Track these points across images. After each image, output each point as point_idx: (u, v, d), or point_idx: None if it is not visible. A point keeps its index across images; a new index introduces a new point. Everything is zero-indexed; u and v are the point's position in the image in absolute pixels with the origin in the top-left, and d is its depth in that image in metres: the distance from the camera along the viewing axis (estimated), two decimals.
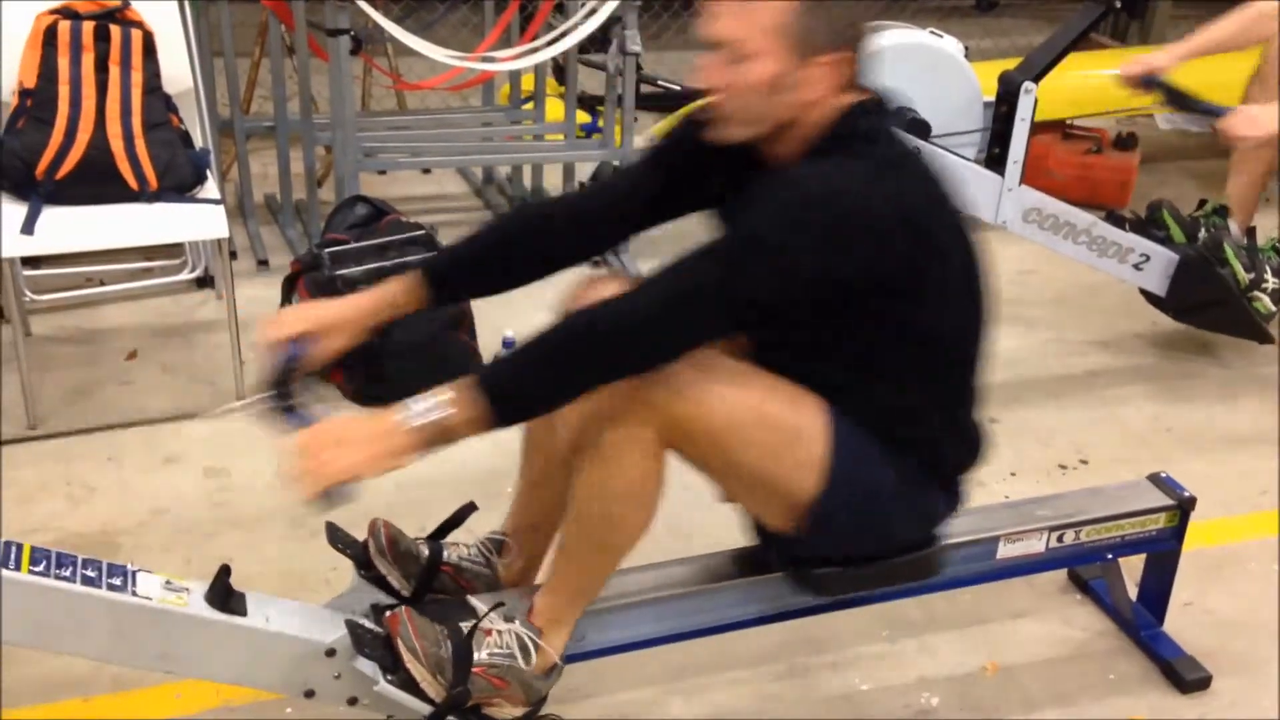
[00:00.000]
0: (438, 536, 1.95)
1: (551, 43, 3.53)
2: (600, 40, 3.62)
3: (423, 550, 1.90)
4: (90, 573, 1.59)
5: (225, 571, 1.67)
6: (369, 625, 1.74)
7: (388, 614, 1.72)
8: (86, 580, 1.58)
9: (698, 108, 1.78)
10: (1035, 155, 3.57)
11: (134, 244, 3.02)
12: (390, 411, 1.56)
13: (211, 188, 2.93)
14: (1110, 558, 2.18)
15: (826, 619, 2.07)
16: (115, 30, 2.82)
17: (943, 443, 1.80)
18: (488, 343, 3.05)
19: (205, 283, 3.48)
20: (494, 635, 1.73)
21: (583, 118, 4.21)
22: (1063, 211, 3.10)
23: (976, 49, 5.06)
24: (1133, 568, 2.30)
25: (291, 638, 1.69)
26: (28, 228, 2.68)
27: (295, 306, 1.78)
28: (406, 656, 1.66)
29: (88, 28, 2.79)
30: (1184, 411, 3.14)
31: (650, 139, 4.29)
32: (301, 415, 1.67)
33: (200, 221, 2.84)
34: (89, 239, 2.86)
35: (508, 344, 2.94)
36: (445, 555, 1.91)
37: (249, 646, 1.67)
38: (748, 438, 1.66)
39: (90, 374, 3.03)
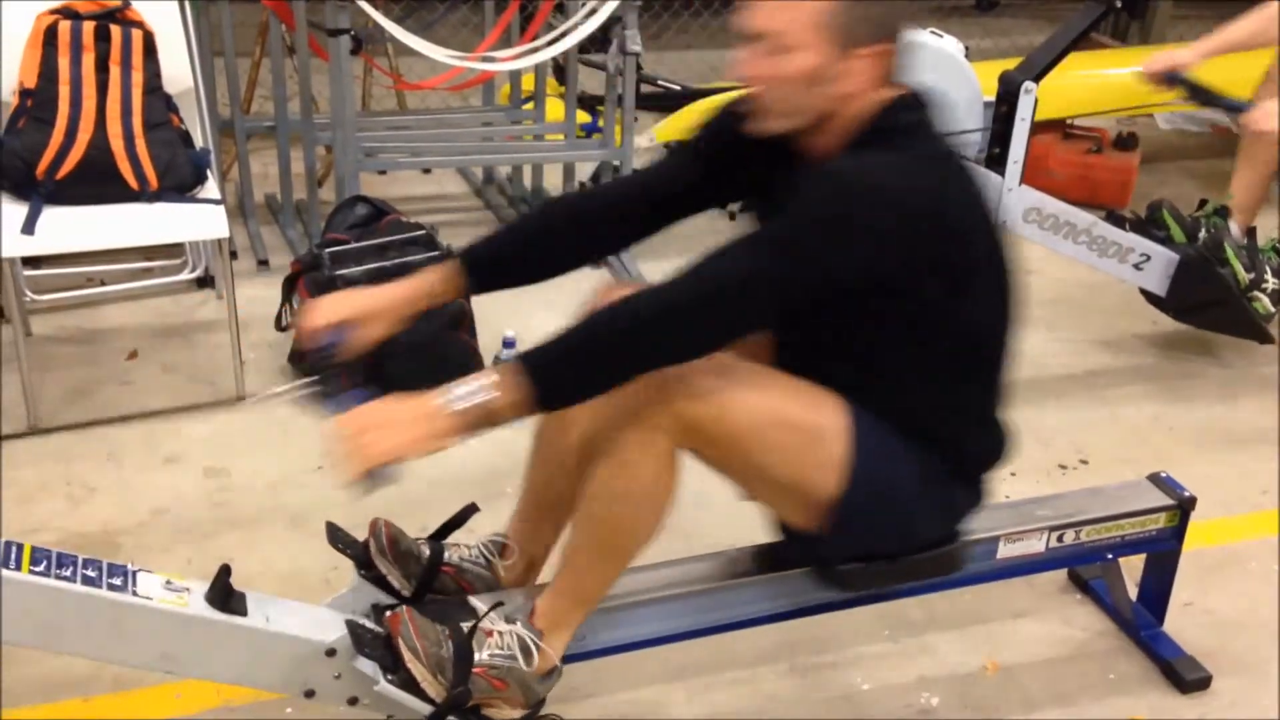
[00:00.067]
0: (439, 537, 1.95)
1: (552, 43, 3.53)
2: (600, 40, 3.62)
3: (424, 550, 1.90)
4: (91, 573, 1.59)
5: (225, 571, 1.67)
6: (369, 625, 1.74)
7: (388, 614, 1.72)
8: (87, 580, 1.58)
9: (735, 99, 1.79)
10: (1035, 155, 3.57)
11: (134, 244, 3.02)
12: (433, 394, 1.57)
13: (212, 188, 2.93)
14: (1110, 558, 2.18)
15: (827, 619, 2.07)
16: (116, 30, 2.82)
17: (968, 440, 1.81)
18: (488, 343, 3.05)
19: (205, 283, 3.48)
20: (495, 636, 1.73)
21: (583, 118, 4.21)
22: (1063, 211, 3.10)
23: (976, 49, 5.06)
24: (1133, 568, 2.30)
25: (292, 638, 1.69)
26: (28, 228, 2.68)
27: (335, 295, 1.81)
28: (407, 656, 1.66)
29: (88, 28, 2.80)
30: (1184, 411, 3.14)
31: (650, 139, 4.29)
32: (342, 400, 1.69)
33: (200, 221, 2.84)
34: (89, 239, 2.86)
35: (508, 344, 2.94)
36: (446, 556, 1.91)
37: (249, 646, 1.67)
38: (767, 440, 1.67)
39: (91, 374, 3.03)
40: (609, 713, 2.08)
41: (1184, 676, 2.19)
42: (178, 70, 3.00)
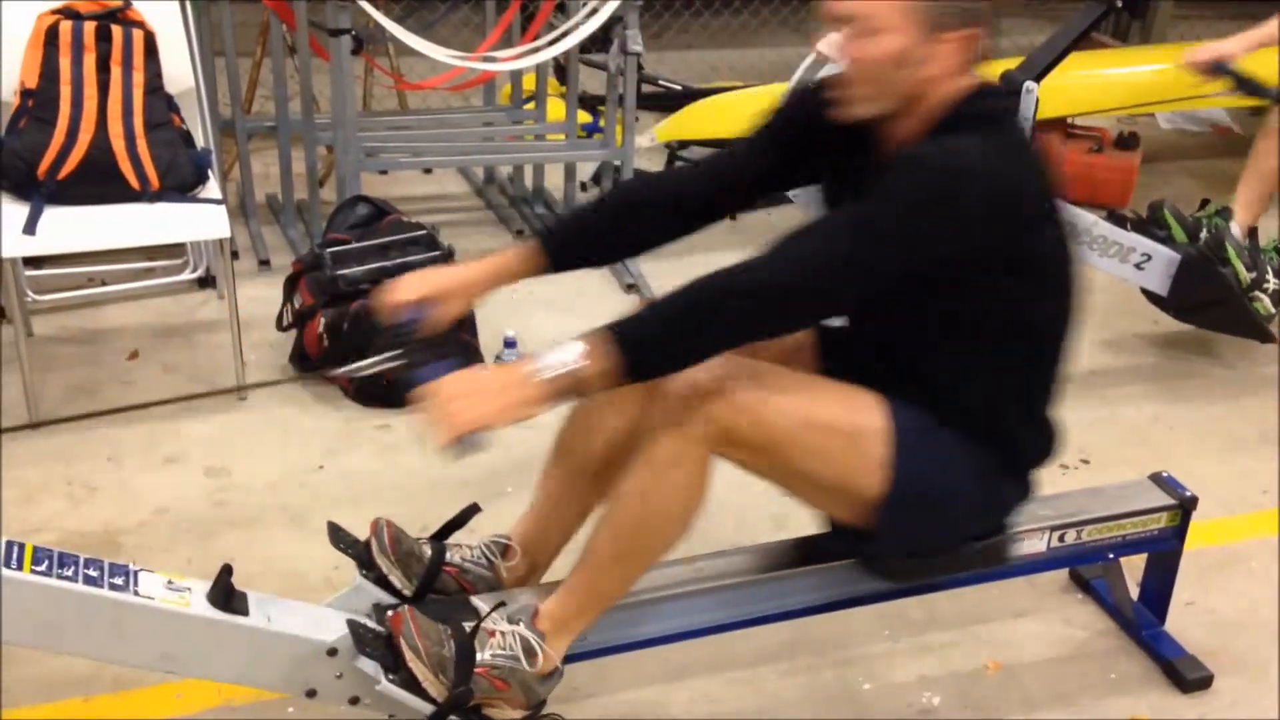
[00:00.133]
0: (440, 537, 1.95)
1: (553, 42, 3.53)
2: (601, 40, 3.62)
3: (425, 550, 1.90)
4: (92, 572, 1.59)
5: (227, 571, 1.67)
6: (371, 625, 1.74)
7: (390, 613, 1.72)
8: (89, 580, 1.58)
9: (817, 81, 1.80)
10: None
11: (136, 244, 3.02)
12: (522, 362, 1.59)
13: (213, 188, 2.94)
14: (1112, 557, 2.18)
15: (828, 618, 2.07)
16: (117, 30, 2.82)
17: (1022, 435, 1.83)
18: (489, 342, 3.05)
19: (207, 283, 3.48)
20: (497, 636, 1.72)
21: (584, 117, 4.21)
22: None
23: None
24: (1134, 567, 2.30)
25: (293, 637, 1.69)
26: (29, 228, 2.68)
27: (416, 272, 1.84)
28: (408, 655, 1.66)
29: (89, 28, 2.80)
30: (1185, 411, 3.14)
31: (651, 139, 4.30)
32: (423, 372, 1.72)
33: (202, 221, 2.85)
34: (91, 239, 2.86)
35: (509, 344, 2.94)
36: (448, 556, 1.91)
37: (251, 646, 1.67)
38: (807, 444, 1.68)
39: (92, 374, 3.03)
40: (609, 713, 2.08)
41: (1185, 676, 2.18)
42: (179, 70, 3.00)
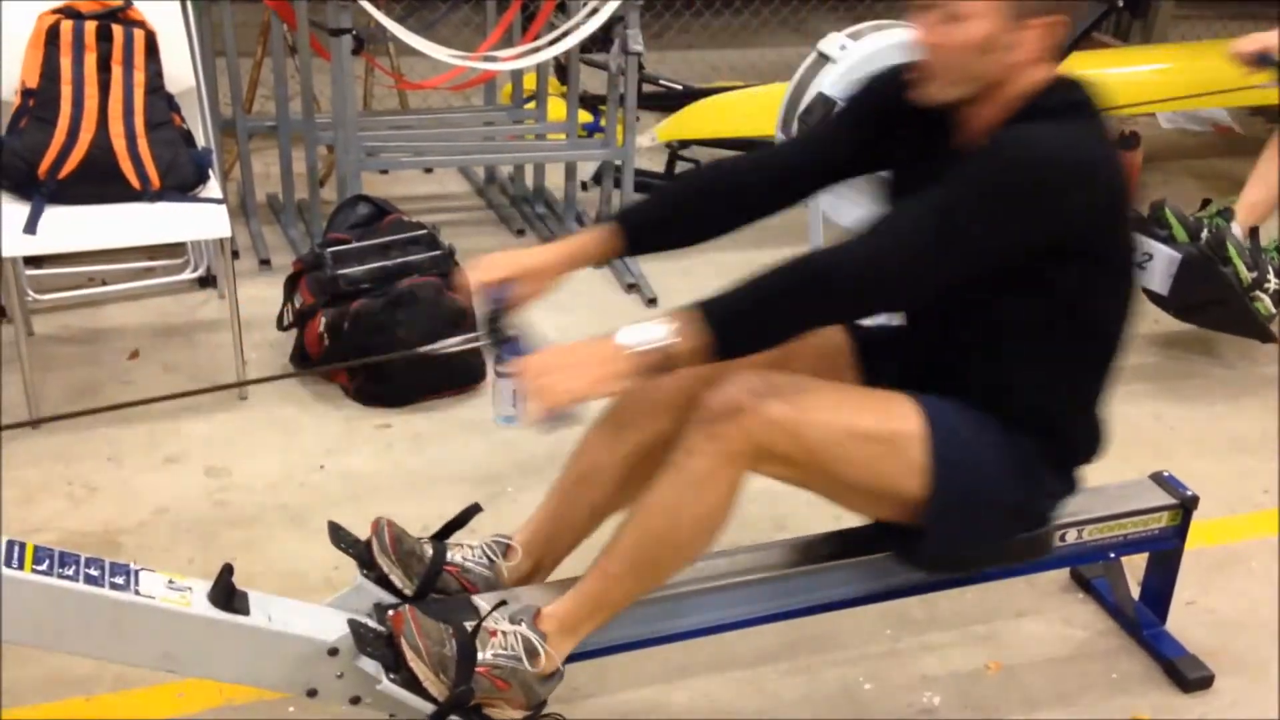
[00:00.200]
0: (441, 537, 1.94)
1: (553, 42, 3.53)
2: (602, 39, 3.62)
3: (426, 550, 1.89)
4: (93, 572, 1.59)
5: (228, 571, 1.67)
6: (371, 624, 1.73)
7: (391, 613, 1.72)
8: (90, 579, 1.58)
9: (900, 65, 1.81)
10: None
11: (136, 243, 3.02)
12: (612, 337, 1.60)
13: (213, 187, 2.94)
14: (1112, 557, 2.17)
15: (828, 618, 2.07)
16: (118, 30, 2.82)
17: (1072, 429, 1.84)
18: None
19: (207, 282, 3.48)
20: (499, 636, 1.72)
21: (585, 117, 4.21)
22: None
23: None
24: (1135, 567, 2.30)
25: (294, 637, 1.69)
26: (30, 227, 2.68)
27: (496, 254, 1.87)
28: (409, 655, 1.66)
29: (90, 27, 2.80)
30: (1186, 411, 3.14)
31: (652, 138, 4.29)
32: (516, 348, 1.75)
33: (202, 221, 2.85)
34: (91, 238, 2.86)
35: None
36: (449, 555, 1.91)
37: (252, 646, 1.67)
38: (845, 454, 1.70)
39: (92, 373, 3.03)
40: (609, 713, 2.08)
41: (1186, 675, 2.18)
42: (179, 70, 3.00)
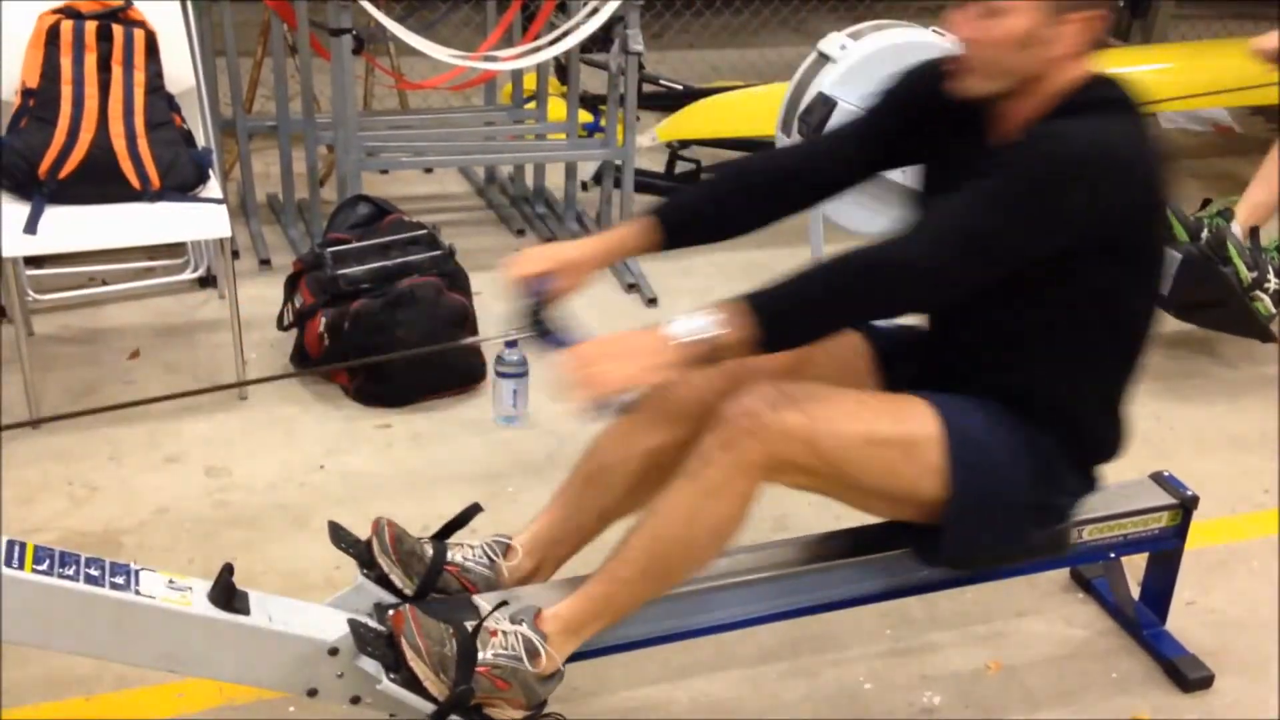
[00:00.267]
0: (442, 536, 1.94)
1: (554, 42, 3.53)
2: (602, 39, 3.62)
3: (427, 550, 1.89)
4: (94, 571, 1.59)
5: (228, 570, 1.67)
6: (372, 624, 1.73)
7: (391, 612, 1.72)
8: (90, 579, 1.58)
9: (934, 61, 1.81)
10: None
11: (136, 243, 3.02)
12: (659, 327, 1.61)
13: (214, 187, 2.94)
14: (1113, 556, 2.17)
15: (829, 618, 2.07)
16: (118, 30, 2.82)
17: (1096, 426, 1.86)
18: (490, 343, 3.05)
19: (207, 282, 3.48)
20: (499, 636, 1.72)
21: (585, 117, 4.21)
22: None
23: None
24: (1135, 566, 2.30)
25: (294, 636, 1.69)
26: (30, 227, 2.68)
27: (537, 248, 1.89)
28: (410, 655, 1.66)
29: (90, 27, 2.80)
30: (1186, 410, 3.14)
31: (653, 138, 4.29)
32: (560, 338, 1.78)
33: (202, 221, 2.85)
34: (92, 238, 2.86)
35: (510, 344, 2.93)
36: (449, 555, 1.91)
37: (252, 645, 1.67)
38: (863, 462, 1.71)
39: (92, 373, 3.03)
40: (610, 713, 2.08)
41: (1186, 675, 2.18)
42: (180, 70, 3.01)
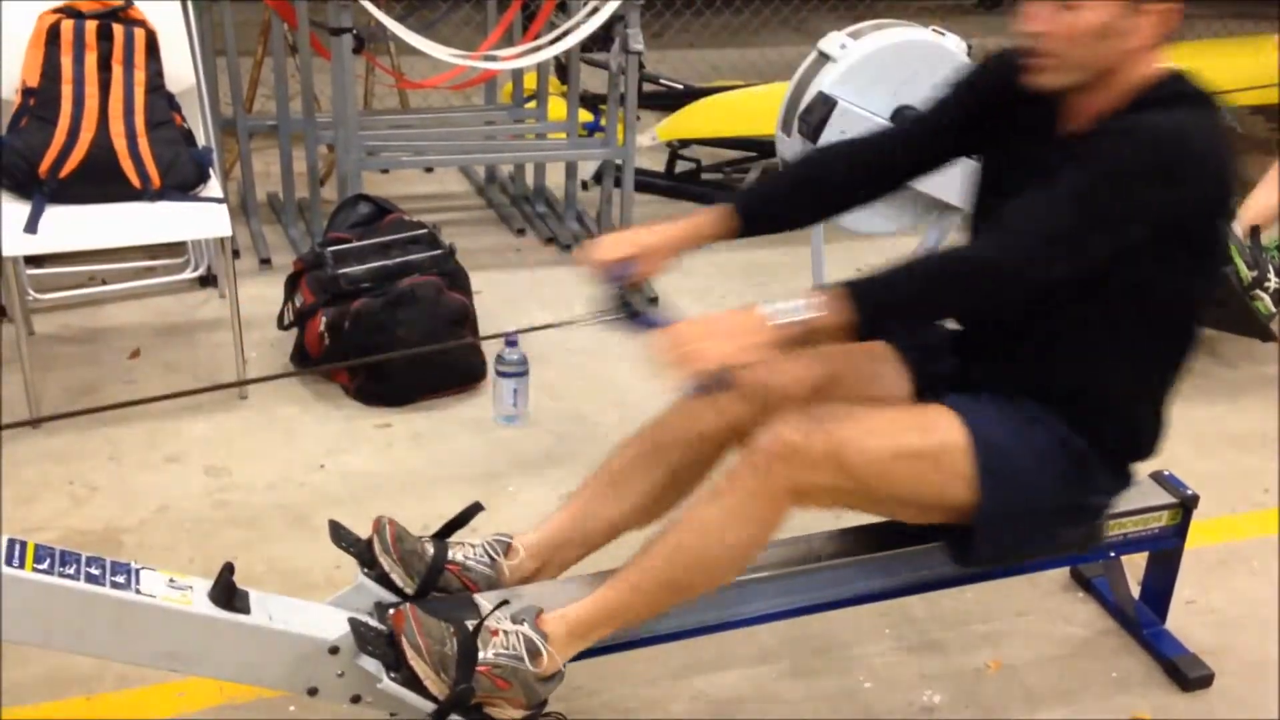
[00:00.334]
0: (443, 536, 1.94)
1: (554, 41, 3.54)
2: (603, 39, 3.62)
3: (428, 549, 1.89)
4: (94, 570, 1.59)
5: (228, 569, 1.67)
6: (372, 623, 1.73)
7: (392, 611, 1.72)
8: (90, 578, 1.58)
9: (1010, 51, 1.82)
10: None
11: (137, 243, 3.02)
12: (755, 307, 1.63)
13: (214, 186, 2.94)
14: (1112, 555, 2.17)
15: (829, 617, 2.07)
16: (118, 29, 2.82)
17: (1140, 426, 1.86)
18: (490, 342, 3.05)
19: (208, 281, 3.48)
20: (500, 635, 1.72)
21: (585, 116, 4.21)
22: None
23: (979, 47, 5.05)
24: (1135, 566, 2.30)
25: (295, 635, 1.69)
26: (31, 227, 2.68)
27: (615, 234, 1.91)
28: (410, 654, 1.66)
29: (91, 27, 2.80)
30: (1186, 410, 3.10)
31: (653, 137, 4.29)
32: (650, 319, 1.79)
33: (203, 220, 2.85)
34: (92, 238, 2.87)
35: (510, 343, 2.94)
36: (450, 554, 1.91)
37: (252, 644, 1.67)
38: (892, 477, 1.73)
39: (93, 373, 3.03)
40: (610, 712, 2.08)
41: (1186, 674, 2.18)
42: (180, 69, 3.01)
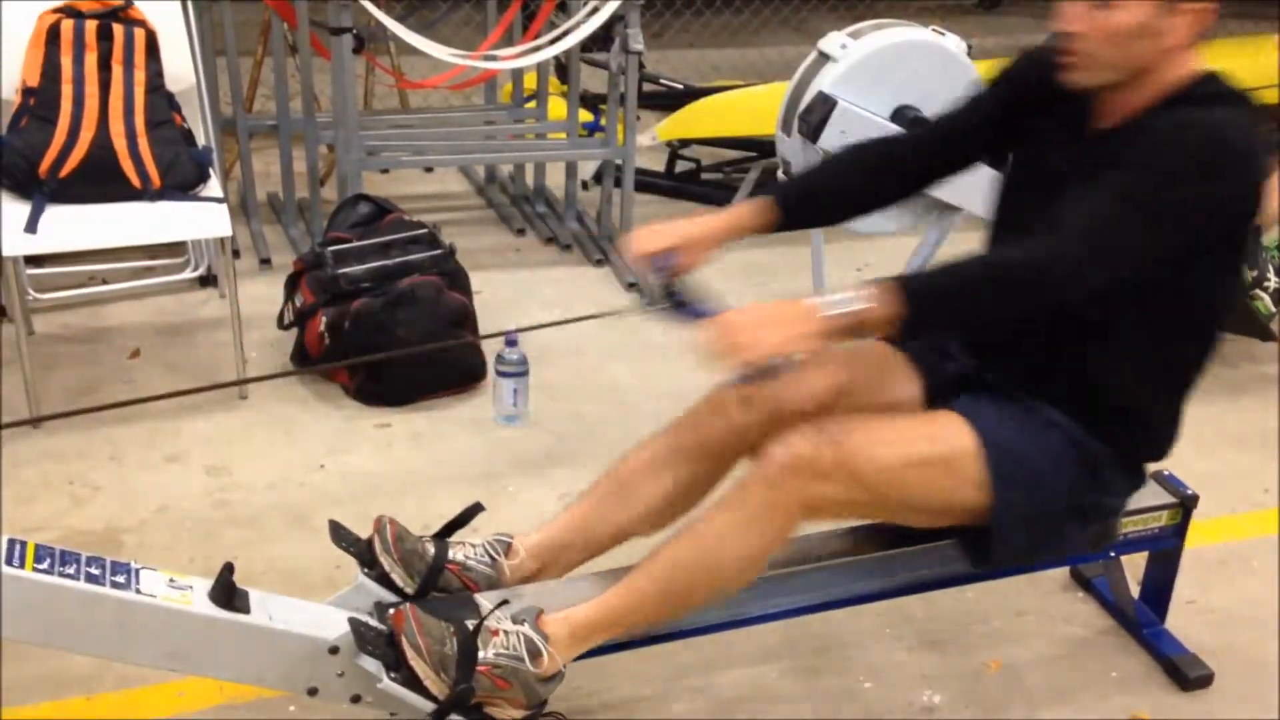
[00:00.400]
0: (443, 535, 1.94)
1: (554, 41, 3.54)
2: (603, 39, 3.63)
3: (428, 548, 1.89)
4: (94, 570, 1.59)
5: (228, 569, 1.67)
6: (372, 623, 1.73)
7: (392, 611, 1.72)
8: (90, 578, 1.58)
9: (1045, 49, 1.82)
10: None
11: (137, 243, 3.02)
12: (805, 298, 1.63)
13: (214, 186, 2.94)
14: (1112, 555, 2.18)
15: (829, 617, 2.07)
16: (118, 29, 2.82)
17: (1154, 429, 1.89)
18: (490, 342, 3.05)
19: (208, 281, 3.48)
20: (500, 635, 1.72)
21: (585, 116, 4.21)
22: None
23: (979, 47, 5.04)
24: (1135, 565, 2.30)
25: (295, 635, 1.69)
26: (31, 226, 2.68)
27: (656, 226, 1.91)
28: (410, 654, 1.66)
29: (91, 26, 2.80)
30: (1186, 409, 3.13)
31: (653, 137, 4.29)
32: (698, 309, 1.80)
33: (203, 220, 2.85)
34: (92, 238, 2.87)
35: (511, 343, 2.94)
36: (451, 554, 1.91)
37: (252, 644, 1.67)
38: (904, 485, 1.74)
39: (93, 373, 3.03)
40: (610, 712, 2.08)
41: (1186, 674, 2.18)
42: (180, 69, 3.01)
